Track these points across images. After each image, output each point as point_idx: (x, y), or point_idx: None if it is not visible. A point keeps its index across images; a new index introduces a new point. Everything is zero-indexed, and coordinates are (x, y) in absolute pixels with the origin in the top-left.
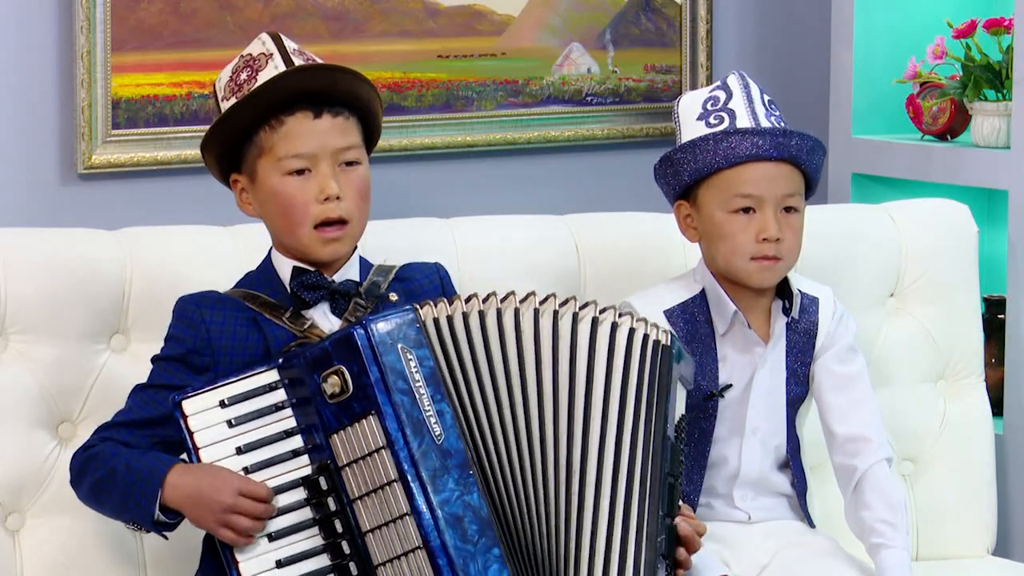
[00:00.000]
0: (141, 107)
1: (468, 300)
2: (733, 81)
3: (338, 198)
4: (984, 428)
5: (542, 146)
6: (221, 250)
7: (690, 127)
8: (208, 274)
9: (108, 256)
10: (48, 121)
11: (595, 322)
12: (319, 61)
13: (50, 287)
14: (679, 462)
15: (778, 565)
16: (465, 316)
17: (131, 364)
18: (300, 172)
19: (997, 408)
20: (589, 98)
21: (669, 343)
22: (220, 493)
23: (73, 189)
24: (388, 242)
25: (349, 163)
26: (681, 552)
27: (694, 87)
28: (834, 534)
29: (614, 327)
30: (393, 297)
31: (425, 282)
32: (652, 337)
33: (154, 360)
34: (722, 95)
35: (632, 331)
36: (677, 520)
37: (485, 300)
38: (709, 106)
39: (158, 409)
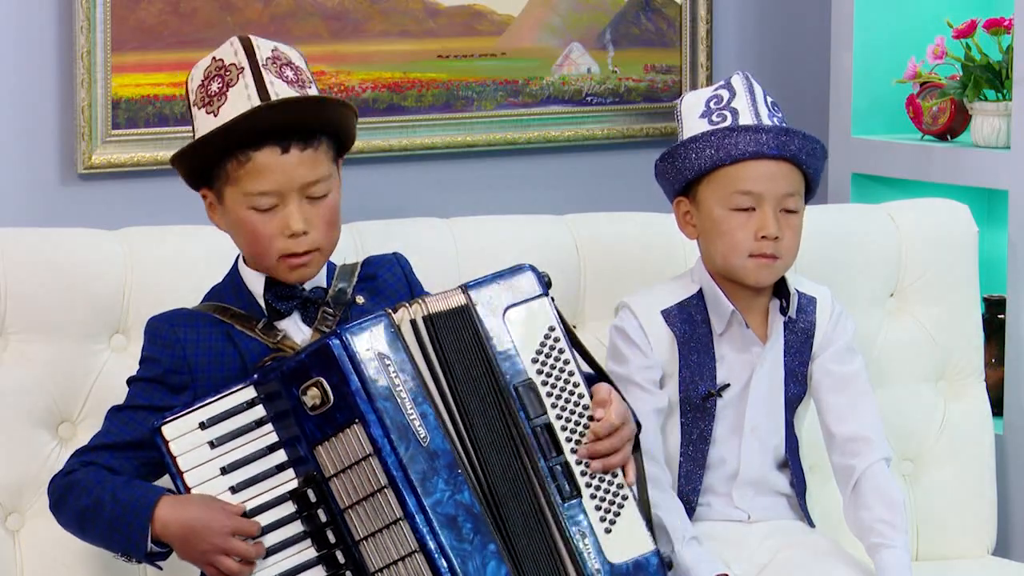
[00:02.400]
0: (141, 107)
1: (439, 296)
2: (737, 81)
3: (305, 232)
4: (984, 428)
5: (542, 146)
6: (221, 250)
7: (693, 124)
8: (208, 274)
9: (108, 256)
10: (48, 121)
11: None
12: (294, 61)
13: (50, 287)
14: (541, 399)
15: (778, 565)
16: (440, 315)
17: (131, 364)
18: (267, 208)
19: (997, 408)
20: (589, 98)
21: (463, 303)
22: (211, 534)
23: (73, 189)
24: (388, 242)
25: (317, 195)
26: (594, 465)
27: (694, 87)
28: (834, 534)
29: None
30: (360, 300)
31: (389, 276)
32: (433, 310)
33: (130, 382)
34: (726, 94)
35: (414, 321)
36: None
37: (449, 295)
38: (712, 104)
39: (139, 431)
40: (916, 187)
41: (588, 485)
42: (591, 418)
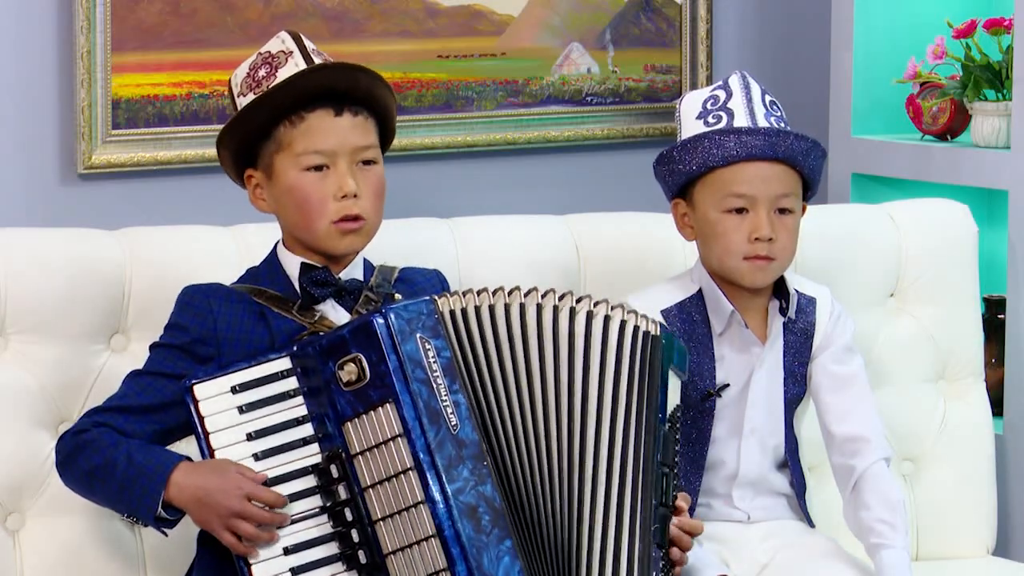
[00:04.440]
0: (141, 107)
1: (479, 293)
2: (734, 81)
3: (355, 196)
4: (984, 428)
5: (542, 146)
6: (221, 250)
7: (690, 125)
8: (208, 274)
9: (108, 256)
10: (48, 121)
11: (589, 316)
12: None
13: (50, 287)
14: (673, 452)
15: (778, 565)
16: (483, 309)
17: (131, 364)
18: (318, 168)
19: (997, 408)
20: (589, 98)
21: (659, 333)
22: (227, 497)
23: (73, 189)
24: (388, 242)
25: (366, 162)
26: (674, 552)
27: (694, 87)
28: (834, 534)
29: (607, 320)
30: (398, 297)
31: (427, 285)
32: (642, 328)
33: (153, 347)
34: (722, 94)
35: (623, 323)
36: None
37: (494, 293)
38: (709, 105)
39: (156, 396)
40: (916, 187)
41: (660, 546)
42: (675, 506)
